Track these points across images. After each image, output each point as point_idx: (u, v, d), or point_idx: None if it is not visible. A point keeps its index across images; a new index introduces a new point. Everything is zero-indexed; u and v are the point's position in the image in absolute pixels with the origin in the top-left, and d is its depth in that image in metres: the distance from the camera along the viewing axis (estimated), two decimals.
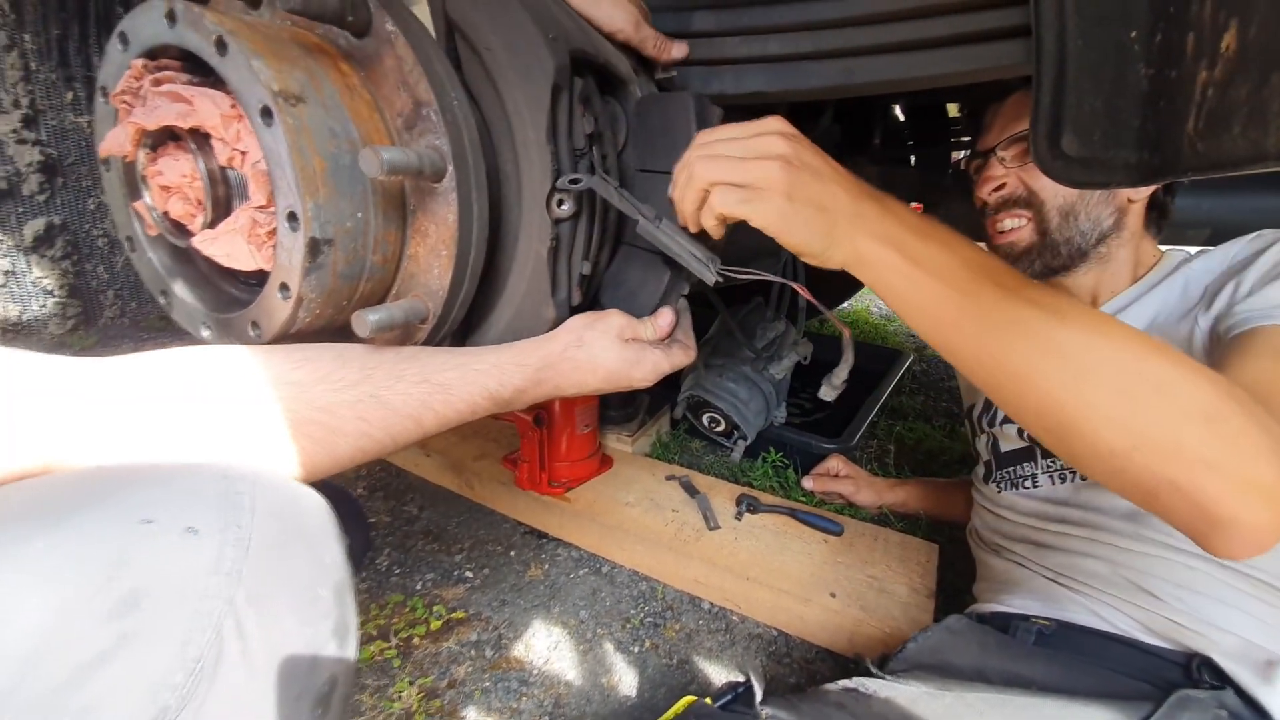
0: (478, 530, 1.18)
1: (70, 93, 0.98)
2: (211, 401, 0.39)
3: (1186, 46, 0.51)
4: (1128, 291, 0.79)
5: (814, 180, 0.46)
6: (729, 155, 0.48)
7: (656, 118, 0.66)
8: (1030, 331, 0.41)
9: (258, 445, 0.40)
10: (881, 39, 0.70)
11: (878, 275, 0.46)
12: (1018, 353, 0.42)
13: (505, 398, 0.52)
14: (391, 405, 0.45)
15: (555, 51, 0.55)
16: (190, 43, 0.44)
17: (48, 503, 0.30)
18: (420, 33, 0.50)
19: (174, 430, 0.37)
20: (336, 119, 0.46)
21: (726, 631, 0.96)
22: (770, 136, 0.47)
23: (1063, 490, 0.77)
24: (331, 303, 0.50)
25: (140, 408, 0.37)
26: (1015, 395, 0.43)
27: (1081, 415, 0.39)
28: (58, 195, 0.98)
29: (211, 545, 0.30)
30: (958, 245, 0.46)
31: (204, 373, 0.40)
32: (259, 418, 0.40)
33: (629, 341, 0.58)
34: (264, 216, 0.46)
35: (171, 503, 0.31)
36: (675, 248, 0.57)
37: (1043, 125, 0.59)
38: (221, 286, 0.55)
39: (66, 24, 0.97)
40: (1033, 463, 0.81)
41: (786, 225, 0.46)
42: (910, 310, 0.46)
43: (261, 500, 0.33)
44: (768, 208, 0.46)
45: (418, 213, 0.52)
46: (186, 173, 0.46)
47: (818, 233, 0.46)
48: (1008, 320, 0.42)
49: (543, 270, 0.60)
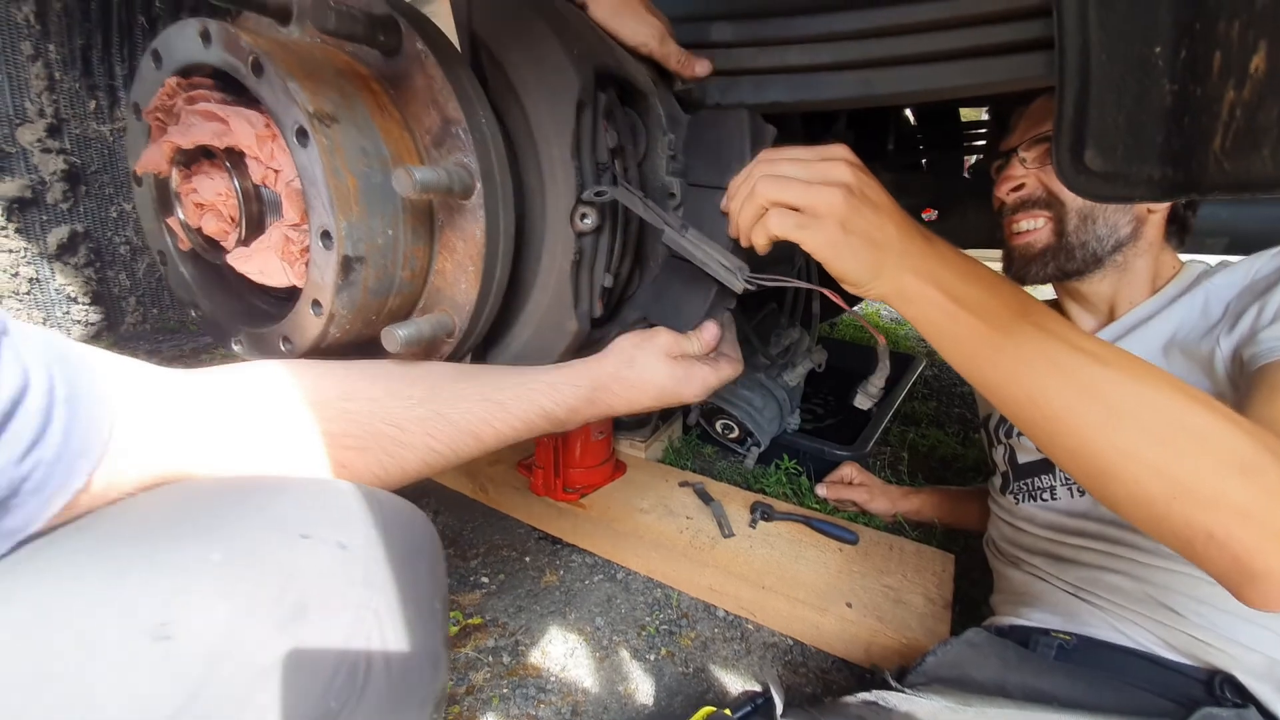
0: (493, 535, 1.19)
1: (93, 101, 0.99)
2: (298, 414, 0.41)
3: (1213, 64, 0.51)
4: (1147, 303, 0.79)
5: (871, 213, 0.47)
6: (793, 177, 0.48)
7: (711, 134, 0.66)
8: (1070, 374, 0.42)
9: (340, 458, 0.42)
10: (901, 51, 0.70)
11: (920, 310, 0.47)
12: (1056, 394, 0.42)
13: (560, 417, 0.54)
14: (455, 422, 0.47)
15: (579, 68, 0.55)
16: (225, 63, 0.44)
17: (207, 512, 0.32)
18: (449, 51, 0.51)
19: (270, 442, 0.40)
20: (368, 138, 0.46)
21: (742, 640, 0.96)
22: (836, 163, 0.48)
23: (1081, 503, 0.76)
24: (361, 318, 0.51)
25: (238, 420, 0.39)
26: (1052, 435, 0.43)
27: (1120, 462, 0.40)
28: (81, 203, 0.99)
29: (360, 560, 0.33)
30: (1000, 286, 0.47)
31: (289, 387, 0.42)
32: (341, 432, 0.42)
33: (678, 359, 0.59)
34: (297, 234, 0.47)
35: (324, 519, 0.33)
36: (702, 256, 0.58)
37: (1065, 138, 0.59)
38: (252, 300, 0.56)
39: (90, 34, 0.98)
40: (1050, 475, 0.81)
41: (836, 254, 0.46)
42: (950, 347, 0.47)
43: (390, 517, 0.36)
44: (822, 235, 0.46)
45: (445, 228, 0.53)
46: (221, 191, 0.47)
47: (865, 264, 0.47)
48: (1048, 361, 0.43)
49: (565, 283, 0.61)
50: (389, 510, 0.36)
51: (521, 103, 0.57)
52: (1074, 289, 0.84)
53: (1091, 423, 0.41)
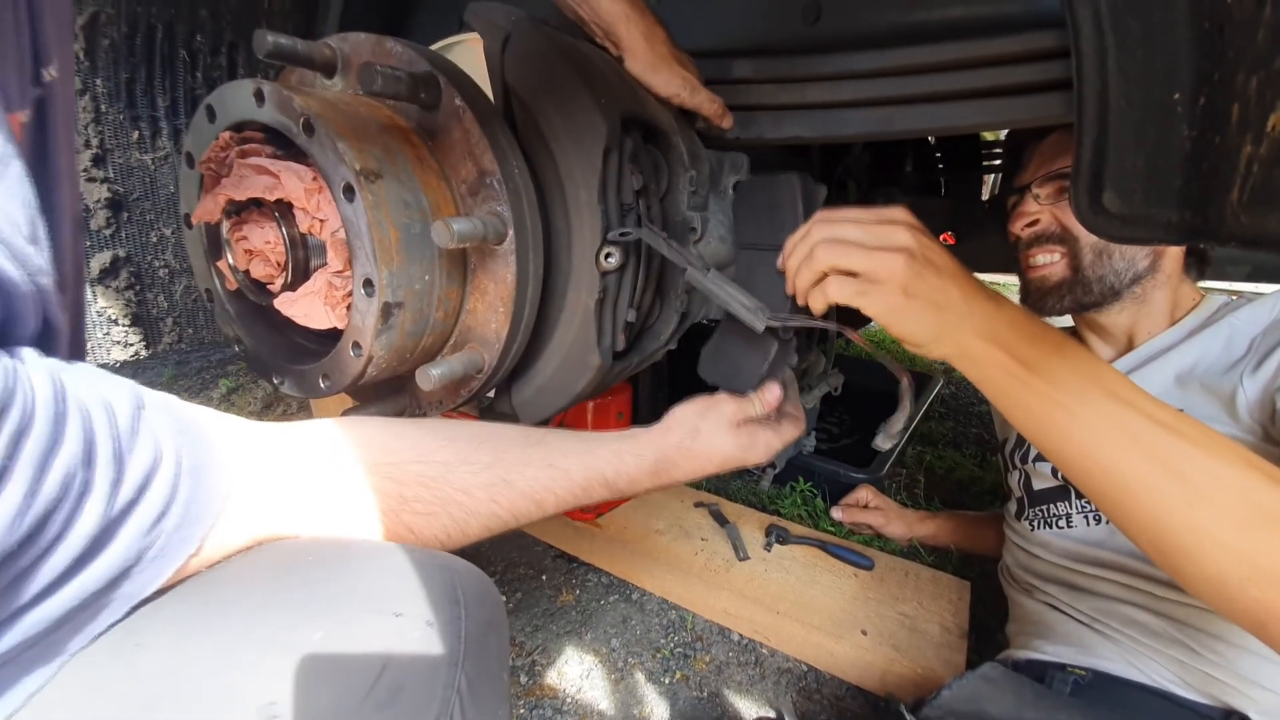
0: (510, 552, 1.21)
1: (136, 132, 1.04)
2: (375, 477, 0.42)
3: (1232, 115, 0.51)
4: (1167, 334, 0.79)
5: (934, 276, 0.47)
6: (853, 241, 0.48)
7: (762, 198, 0.68)
8: (1145, 447, 0.41)
9: (410, 523, 0.43)
10: (920, 89, 0.71)
11: (985, 373, 0.47)
12: (1132, 469, 0.41)
13: (620, 487, 0.53)
14: (519, 488, 0.47)
15: (607, 116, 0.57)
16: (278, 122, 0.47)
17: (307, 586, 0.33)
18: (485, 106, 0.53)
19: (350, 505, 0.41)
20: (409, 190, 0.49)
21: (756, 665, 0.97)
22: (896, 227, 0.48)
23: (1098, 532, 0.76)
24: (397, 357, 0.53)
25: (324, 481, 0.40)
26: (1125, 508, 0.42)
27: (1194, 540, 0.39)
28: (123, 229, 1.04)
29: (446, 638, 0.34)
30: (1070, 350, 0.46)
31: (368, 447, 0.43)
32: (413, 497, 0.43)
33: (741, 425, 0.58)
34: (340, 280, 0.49)
35: (414, 596, 0.34)
36: (724, 296, 0.59)
37: (1084, 180, 0.60)
38: (293, 339, 0.58)
39: (134, 68, 1.03)
40: (1066, 502, 0.81)
41: (898, 319, 0.47)
42: (1019, 413, 0.46)
43: (470, 592, 0.37)
44: (883, 301, 0.46)
45: (478, 271, 0.55)
46: (270, 239, 0.49)
47: (927, 328, 0.47)
48: (1123, 433, 0.42)
49: (590, 320, 0.63)
50: (468, 583, 0.38)
51: (550, 149, 0.59)
52: (1092, 320, 0.84)
53: (1169, 501, 0.40)
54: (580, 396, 0.68)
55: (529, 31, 0.59)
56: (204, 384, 2.07)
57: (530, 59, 0.59)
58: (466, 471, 0.45)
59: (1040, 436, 0.46)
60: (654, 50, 0.65)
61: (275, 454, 0.38)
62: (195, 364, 2.21)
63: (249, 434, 0.37)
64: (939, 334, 0.47)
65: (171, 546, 0.30)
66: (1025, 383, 0.45)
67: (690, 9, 0.82)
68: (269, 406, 1.91)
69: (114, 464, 0.27)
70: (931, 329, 0.47)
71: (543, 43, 0.59)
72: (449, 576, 0.37)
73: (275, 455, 0.38)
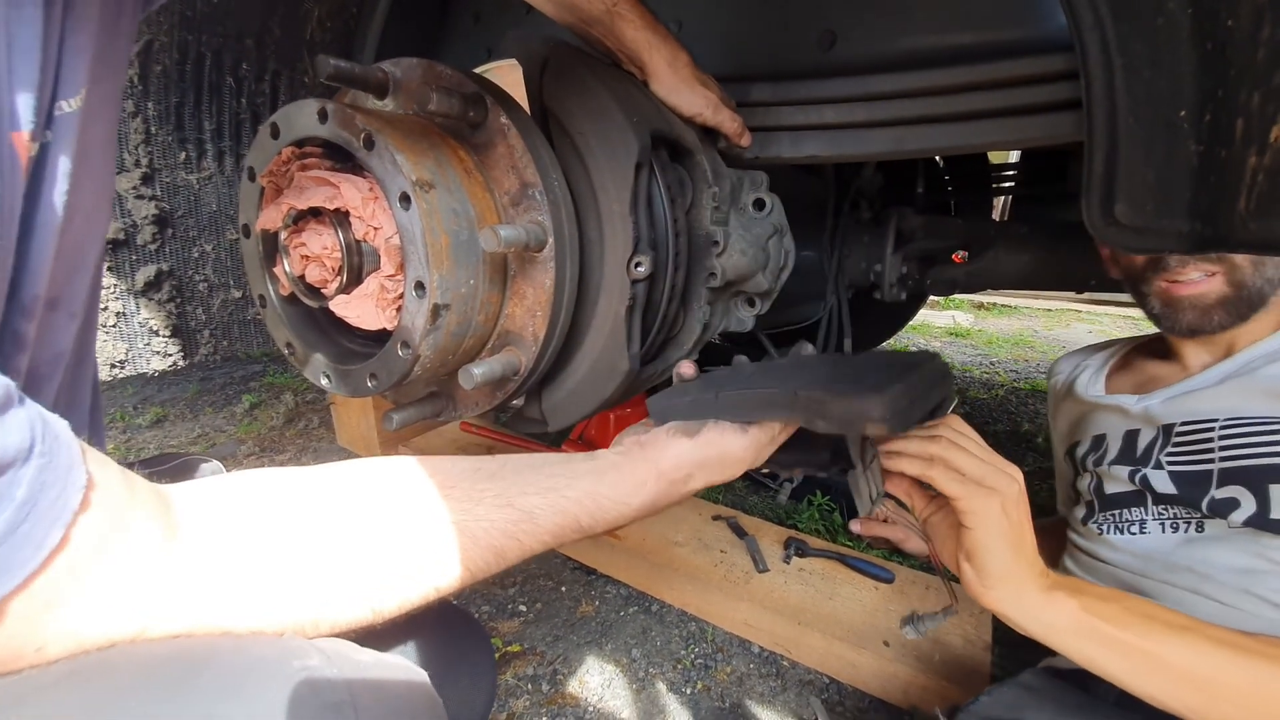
0: (529, 564, 1.22)
1: (183, 153, 1.09)
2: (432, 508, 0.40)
3: (1235, 130, 0.54)
4: (1272, 339, 0.75)
5: (1027, 518, 0.52)
6: (975, 454, 0.53)
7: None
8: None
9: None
10: (933, 110, 0.74)
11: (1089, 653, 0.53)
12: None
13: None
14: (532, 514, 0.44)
15: (638, 133, 0.61)
16: (339, 137, 0.51)
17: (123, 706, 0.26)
18: (528, 124, 0.57)
19: (325, 550, 0.37)
20: (458, 200, 0.52)
21: (778, 676, 0.96)
22: (1013, 465, 0.53)
23: (1172, 540, 0.74)
24: (441, 358, 0.56)
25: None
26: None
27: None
28: (167, 245, 1.09)
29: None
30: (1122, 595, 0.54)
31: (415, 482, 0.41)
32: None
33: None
34: (391, 283, 0.53)
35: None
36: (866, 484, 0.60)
37: (1095, 194, 0.63)
38: (340, 341, 0.62)
39: (184, 93, 1.09)
40: (1143, 508, 0.79)
41: (986, 531, 0.51)
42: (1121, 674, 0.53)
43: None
44: (983, 506, 0.50)
45: (517, 277, 0.58)
46: (327, 245, 0.53)
47: (1005, 557, 0.51)
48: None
49: (620, 326, 0.65)
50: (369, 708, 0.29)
51: (585, 164, 0.63)
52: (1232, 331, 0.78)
53: None
54: (608, 402, 0.71)
55: (566, 56, 0.63)
56: (228, 399, 2.11)
57: (567, 81, 0.63)
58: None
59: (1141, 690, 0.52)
60: (678, 74, 0.69)
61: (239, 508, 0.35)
62: (219, 380, 2.26)
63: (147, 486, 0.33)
64: (1012, 569, 0.52)
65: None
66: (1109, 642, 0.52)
67: (711, 36, 0.87)
68: (290, 421, 1.95)
69: None
70: (1008, 561, 0.51)
71: (578, 66, 0.63)
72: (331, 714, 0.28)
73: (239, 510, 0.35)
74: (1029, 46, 0.70)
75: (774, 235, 0.82)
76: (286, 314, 0.61)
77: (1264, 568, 0.65)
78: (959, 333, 3.49)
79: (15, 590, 0.26)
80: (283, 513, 0.37)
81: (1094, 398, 0.89)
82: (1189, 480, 0.73)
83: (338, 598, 0.36)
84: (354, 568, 0.37)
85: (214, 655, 0.30)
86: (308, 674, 0.29)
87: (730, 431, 0.50)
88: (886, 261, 1.31)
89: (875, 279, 1.31)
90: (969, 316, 3.92)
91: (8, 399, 0.26)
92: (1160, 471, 0.75)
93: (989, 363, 2.90)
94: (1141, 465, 0.78)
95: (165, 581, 0.31)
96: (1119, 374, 0.93)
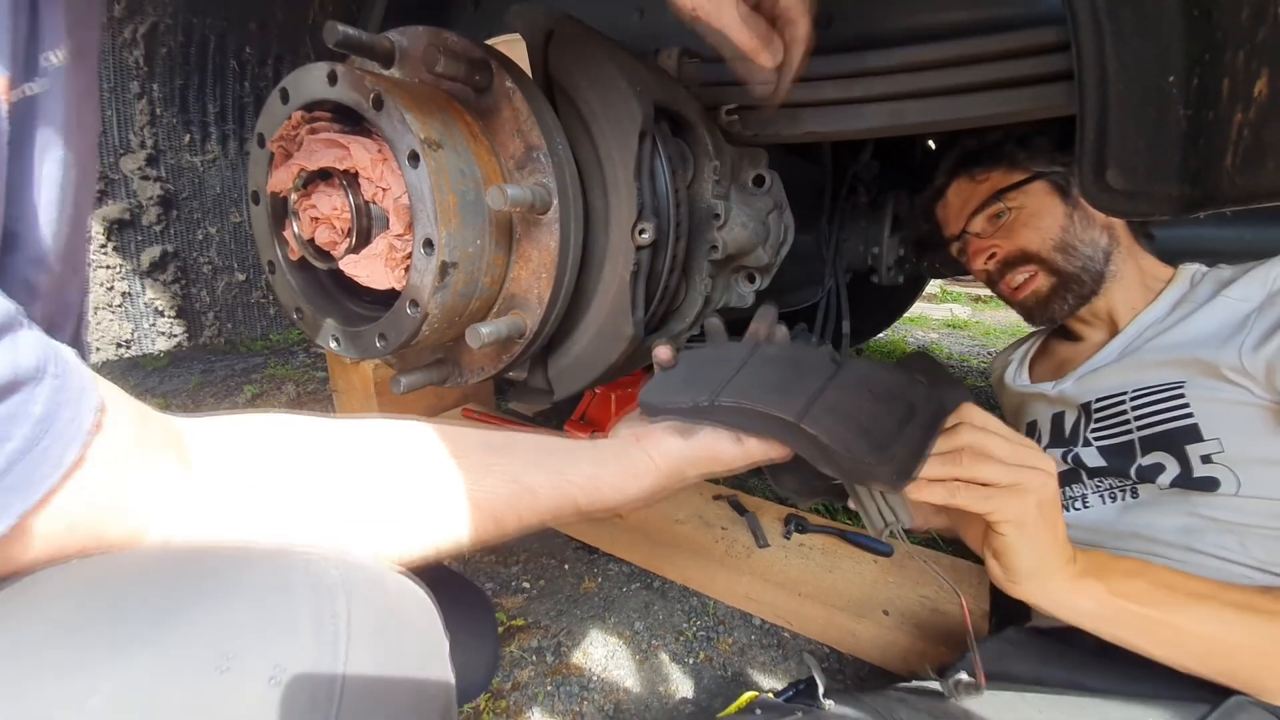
0: (532, 543, 1.23)
1: (188, 135, 1.10)
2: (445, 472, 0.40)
3: (1223, 90, 0.56)
4: (1152, 309, 0.81)
5: (1059, 513, 0.53)
6: (997, 456, 0.50)
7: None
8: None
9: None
10: (928, 84, 0.76)
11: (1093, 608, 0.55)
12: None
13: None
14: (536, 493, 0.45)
15: (642, 103, 0.62)
16: (349, 99, 0.52)
17: (109, 613, 0.25)
18: (532, 88, 0.58)
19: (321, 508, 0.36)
20: (464, 161, 0.53)
21: (779, 647, 0.98)
22: (1044, 457, 0.51)
23: (1113, 509, 0.78)
24: (448, 319, 0.57)
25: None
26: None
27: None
28: (172, 226, 1.09)
29: (301, 700, 0.25)
30: (1146, 568, 0.56)
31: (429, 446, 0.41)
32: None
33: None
34: (400, 243, 0.54)
35: (256, 634, 0.26)
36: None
37: (1088, 161, 0.64)
38: (347, 305, 0.63)
39: (189, 75, 1.10)
40: (1081, 484, 0.83)
41: (1021, 530, 0.50)
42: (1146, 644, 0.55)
43: (358, 614, 0.29)
44: (1018, 508, 0.50)
45: (522, 240, 0.59)
46: (337, 206, 0.54)
47: (1041, 552, 0.52)
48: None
49: (625, 292, 0.67)
50: (362, 600, 0.29)
51: (590, 133, 0.64)
52: (1088, 309, 0.85)
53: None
54: (613, 369, 0.72)
55: (570, 27, 0.64)
56: (229, 390, 2.12)
57: (572, 51, 0.64)
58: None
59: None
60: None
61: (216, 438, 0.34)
62: (221, 371, 2.27)
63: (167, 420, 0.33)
64: (1047, 561, 0.52)
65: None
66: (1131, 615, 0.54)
67: None
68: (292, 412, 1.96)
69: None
70: (1043, 555, 0.52)
71: (583, 37, 0.64)
72: (325, 599, 0.28)
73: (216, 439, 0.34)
74: (1021, 22, 0.72)
75: (774, 210, 0.84)
76: (296, 279, 0.63)
77: (1199, 525, 0.68)
78: (957, 325, 3.51)
79: (36, 507, 0.26)
80: (293, 449, 0.38)
81: (1021, 388, 0.94)
82: (1115, 452, 0.76)
83: (344, 534, 0.37)
84: (361, 509, 0.37)
85: (219, 551, 0.31)
86: (306, 560, 0.30)
87: (725, 439, 0.52)
88: (884, 244, 1.32)
89: (873, 261, 1.32)
90: (966, 309, 3.94)
91: (14, 320, 0.25)
92: (1089, 448, 0.79)
93: (986, 353, 2.92)
94: (1072, 445, 0.82)
95: (181, 504, 0.32)
96: (1039, 362, 0.98)
